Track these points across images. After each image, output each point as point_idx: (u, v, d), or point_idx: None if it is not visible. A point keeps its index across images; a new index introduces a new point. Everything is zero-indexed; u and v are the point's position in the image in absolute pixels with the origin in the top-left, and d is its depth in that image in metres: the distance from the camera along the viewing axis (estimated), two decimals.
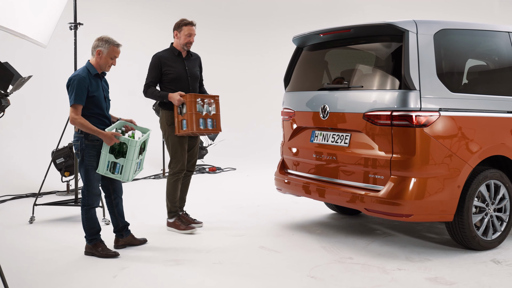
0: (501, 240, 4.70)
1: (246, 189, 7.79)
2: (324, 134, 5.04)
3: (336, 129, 4.91)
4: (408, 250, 4.63)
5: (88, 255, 4.53)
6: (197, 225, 5.48)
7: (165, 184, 5.44)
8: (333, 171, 4.90)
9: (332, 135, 4.94)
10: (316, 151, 5.06)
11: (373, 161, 4.52)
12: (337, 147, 4.87)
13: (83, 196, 4.47)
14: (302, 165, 5.27)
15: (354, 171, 4.70)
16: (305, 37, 5.34)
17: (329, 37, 5.14)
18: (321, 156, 5.00)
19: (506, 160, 4.79)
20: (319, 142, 5.08)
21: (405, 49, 4.36)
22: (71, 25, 6.09)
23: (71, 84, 4.37)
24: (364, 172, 4.61)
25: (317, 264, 4.28)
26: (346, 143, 4.78)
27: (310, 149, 5.16)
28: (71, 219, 5.85)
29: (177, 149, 5.31)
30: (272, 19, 12.75)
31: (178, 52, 5.36)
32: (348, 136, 4.78)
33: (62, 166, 7.24)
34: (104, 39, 4.49)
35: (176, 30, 5.36)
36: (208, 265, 4.30)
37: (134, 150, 4.41)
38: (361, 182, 4.63)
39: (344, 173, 4.81)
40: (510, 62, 4.88)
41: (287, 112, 5.50)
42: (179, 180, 5.37)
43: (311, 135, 5.20)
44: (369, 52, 5.00)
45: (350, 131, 4.77)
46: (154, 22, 12.08)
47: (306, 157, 5.21)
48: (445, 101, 4.40)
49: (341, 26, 4.96)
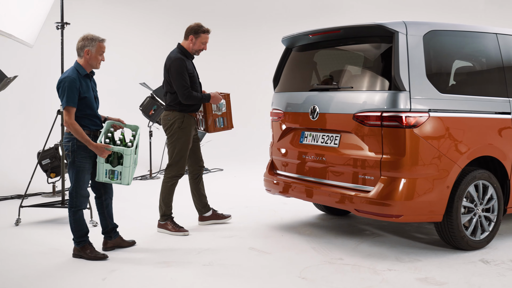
0: (489, 240, 4.74)
1: (234, 190, 7.77)
2: (314, 135, 5.04)
3: (325, 130, 4.91)
4: (397, 251, 4.64)
5: (76, 258, 4.48)
6: (227, 219, 5.66)
7: (160, 187, 5.39)
8: (323, 172, 4.90)
9: (322, 136, 4.94)
10: (306, 152, 5.06)
11: (363, 161, 4.52)
12: (326, 148, 4.87)
13: (71, 197, 4.41)
14: (292, 166, 5.27)
15: (344, 171, 4.70)
16: (294, 38, 5.34)
17: (319, 38, 5.15)
18: (311, 157, 4.99)
19: (494, 161, 4.82)
20: (308, 143, 5.08)
21: (395, 50, 4.37)
22: (58, 24, 6.01)
23: (62, 86, 4.31)
24: (354, 172, 4.61)
25: (308, 265, 4.27)
26: (336, 144, 4.78)
27: (299, 150, 5.15)
28: (58, 221, 5.78)
29: (183, 154, 5.28)
30: (260, 19, 12.75)
31: (191, 56, 5.38)
32: (338, 137, 4.78)
33: (48, 167, 7.16)
34: (89, 38, 4.43)
35: (193, 35, 5.30)
36: (198, 266, 4.27)
37: (130, 157, 4.40)
38: (351, 183, 4.63)
39: (334, 173, 4.81)
40: (497, 63, 4.92)
41: (276, 113, 5.49)
42: (175, 184, 5.36)
43: (300, 135, 5.20)
44: (358, 53, 5.01)
45: (340, 132, 4.77)
46: (141, 21, 12.03)
47: (296, 158, 5.20)
48: (435, 102, 4.42)
49: (331, 27, 4.96)
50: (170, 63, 5.21)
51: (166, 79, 5.29)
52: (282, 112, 5.39)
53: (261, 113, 11.64)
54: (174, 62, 5.18)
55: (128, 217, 5.95)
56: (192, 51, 5.34)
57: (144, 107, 8.94)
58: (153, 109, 8.85)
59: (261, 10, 12.82)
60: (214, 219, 5.66)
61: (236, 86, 12.37)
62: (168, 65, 5.23)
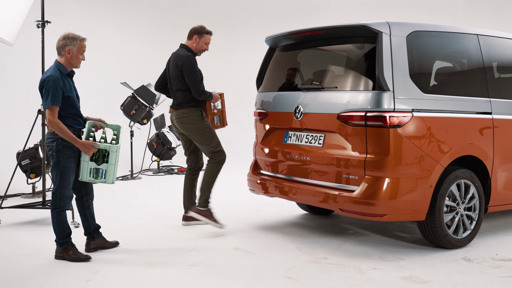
0: (471, 238, 4.80)
1: (217, 190, 7.71)
2: (298, 134, 5.05)
3: (310, 130, 4.93)
4: (381, 250, 4.67)
5: (58, 259, 4.41)
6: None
7: (207, 173, 5.40)
8: (307, 172, 4.91)
9: (306, 136, 4.95)
10: (290, 152, 5.06)
11: (347, 161, 4.55)
12: (311, 148, 4.88)
13: (54, 198, 4.35)
14: (276, 165, 5.27)
15: (328, 171, 4.72)
16: (278, 38, 5.34)
17: (302, 38, 5.16)
18: (295, 156, 5.00)
19: (475, 160, 4.89)
20: (292, 143, 5.09)
21: (379, 51, 4.40)
22: (39, 23, 5.92)
23: (46, 86, 4.24)
24: (338, 172, 4.63)
25: (293, 265, 4.28)
26: (320, 144, 4.80)
27: (283, 149, 5.16)
28: (39, 222, 5.69)
29: (217, 139, 5.39)
30: (242, 19, 12.73)
31: (196, 55, 5.50)
32: (322, 137, 4.80)
33: (28, 168, 7.06)
34: (70, 37, 4.38)
35: (197, 35, 5.45)
36: (183, 267, 4.25)
37: (116, 154, 4.36)
38: (335, 183, 4.65)
39: (318, 173, 4.82)
40: (478, 63, 4.99)
41: (260, 112, 5.49)
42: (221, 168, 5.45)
43: (284, 135, 5.20)
44: (342, 53, 5.03)
45: (324, 132, 4.79)
46: (122, 20, 11.93)
47: (280, 158, 5.20)
48: (418, 102, 4.46)
49: (314, 27, 4.98)
50: (183, 60, 5.30)
51: (177, 77, 5.37)
52: (265, 112, 5.39)
53: (243, 112, 11.64)
54: (188, 59, 5.30)
55: (111, 217, 5.89)
56: (195, 51, 5.48)
57: (125, 107, 8.86)
58: (134, 108, 8.78)
59: (245, 10, 12.81)
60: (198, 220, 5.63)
61: (217, 85, 12.36)
62: (181, 62, 5.31)
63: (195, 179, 5.69)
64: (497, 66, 5.19)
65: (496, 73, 5.17)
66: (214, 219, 5.31)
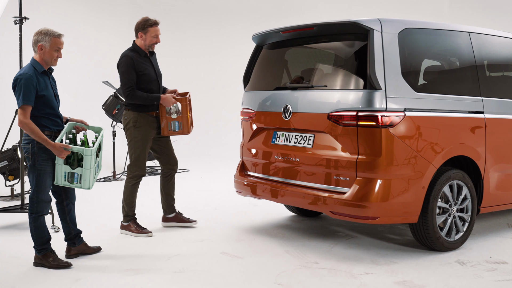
0: (464, 240, 4.70)
1: (201, 192, 7.57)
2: (287, 135, 4.90)
3: (299, 130, 4.78)
4: (373, 253, 4.55)
5: (37, 267, 4.21)
6: (192, 223, 5.43)
7: (123, 187, 5.24)
8: (296, 173, 4.77)
9: (295, 136, 4.81)
10: (278, 153, 4.92)
11: (338, 162, 4.41)
12: (300, 149, 4.74)
13: (31, 203, 4.15)
14: (263, 167, 5.12)
15: (318, 173, 4.58)
16: (265, 35, 5.19)
17: (291, 35, 5.01)
18: (284, 157, 4.86)
19: (467, 160, 4.79)
20: (281, 143, 4.94)
21: (371, 48, 4.27)
22: (16, 19, 5.69)
23: (18, 84, 4.03)
24: (328, 174, 4.50)
25: (283, 270, 4.13)
26: (310, 144, 4.66)
27: (271, 150, 5.01)
28: (17, 227, 5.46)
29: (140, 154, 5.17)
30: (228, 17, 12.56)
31: (144, 53, 5.22)
32: (312, 137, 4.66)
33: (6, 169, 6.82)
34: (43, 32, 4.16)
35: (141, 31, 5.17)
36: (168, 274, 4.07)
37: (91, 158, 4.13)
38: (325, 184, 4.52)
39: (307, 175, 4.68)
40: (470, 62, 4.89)
41: (247, 112, 5.33)
42: (137, 184, 5.24)
43: (272, 136, 5.05)
44: (332, 50, 4.89)
45: (314, 132, 4.65)
46: (103, 17, 11.70)
47: (268, 159, 5.05)
48: (410, 101, 4.35)
49: (303, 24, 4.83)
50: (118, 60, 5.15)
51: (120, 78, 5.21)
52: (253, 111, 5.24)
53: (229, 112, 11.49)
54: (120, 60, 5.12)
55: (93, 221, 5.68)
56: (145, 47, 5.20)
57: (107, 106, 8.64)
58: (116, 108, 8.57)
59: (231, 7, 12.63)
60: (177, 222, 5.46)
61: (204, 85, 12.18)
62: (117, 62, 5.16)
63: (167, 182, 5.46)
64: (489, 65, 5.10)
65: (487, 71, 5.07)
66: (138, 231, 5.13)
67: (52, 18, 10.25)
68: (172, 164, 5.42)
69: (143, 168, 5.21)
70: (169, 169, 5.42)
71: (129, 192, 5.20)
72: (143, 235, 5.09)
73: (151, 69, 5.21)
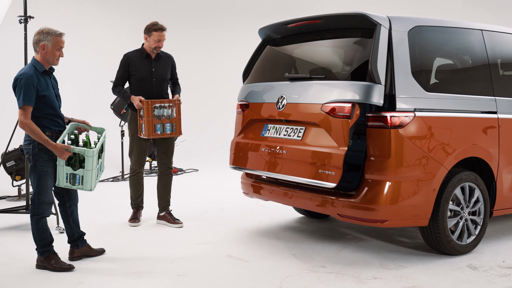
0: (476, 244, 4.57)
1: (210, 192, 7.49)
2: (277, 127, 4.73)
3: (290, 122, 4.59)
4: (381, 257, 4.43)
5: (40, 269, 4.14)
6: (177, 225, 5.47)
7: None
8: (283, 167, 4.54)
9: (286, 129, 4.64)
10: (266, 145, 4.72)
11: (325, 155, 4.19)
12: (288, 141, 4.54)
13: (32, 204, 4.08)
14: (250, 160, 4.91)
15: (305, 166, 4.35)
16: (271, 29, 5.03)
17: (297, 29, 4.85)
18: (270, 149, 4.66)
19: (480, 162, 4.65)
20: (270, 136, 4.77)
21: (375, 43, 4.11)
22: (21, 18, 5.64)
23: (18, 84, 3.97)
24: (314, 167, 4.25)
25: (289, 274, 4.03)
26: (299, 137, 4.47)
27: (260, 143, 4.81)
28: (21, 228, 5.40)
29: (132, 148, 5.54)
30: (228, 16, 12.44)
31: (147, 54, 5.46)
32: (302, 130, 4.47)
33: (13, 169, 6.77)
34: (44, 31, 4.09)
35: (146, 34, 5.43)
36: (172, 277, 3.99)
37: (93, 159, 4.06)
38: (310, 178, 4.29)
39: (293, 168, 4.45)
40: (483, 60, 4.75)
41: (241, 104, 5.15)
42: (134, 178, 5.57)
43: (263, 128, 4.88)
44: (337, 44, 4.70)
45: (305, 124, 4.46)
46: (109, 16, 11.65)
47: (255, 151, 4.85)
48: (420, 101, 4.22)
49: (310, 15, 4.68)
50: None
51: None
52: (247, 103, 5.07)
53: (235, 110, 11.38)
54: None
55: (97, 222, 5.62)
56: (149, 49, 5.44)
57: (115, 106, 8.58)
58: (124, 107, 8.50)
59: (235, 5, 12.52)
60: (165, 221, 5.57)
61: (209, 83, 12.09)
62: None
63: (159, 180, 5.65)
64: (503, 63, 4.95)
65: (501, 70, 4.93)
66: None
67: (57, 17, 10.20)
68: (163, 163, 5.60)
69: (136, 162, 5.52)
70: (161, 168, 5.61)
71: (130, 185, 5.62)
72: (132, 224, 5.49)
73: (147, 71, 5.42)
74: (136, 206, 5.62)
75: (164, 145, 5.55)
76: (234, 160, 5.11)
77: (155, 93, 5.45)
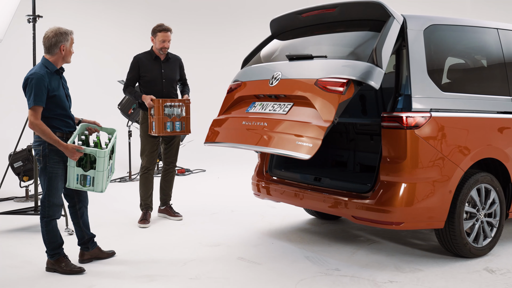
0: (492, 247, 4.49)
1: (218, 193, 7.42)
2: (264, 104, 4.49)
3: (279, 98, 4.37)
4: (396, 259, 4.36)
5: (50, 272, 4.08)
6: (177, 218, 5.72)
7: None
8: (260, 139, 4.28)
9: (272, 105, 4.39)
10: (248, 119, 4.50)
11: (308, 127, 3.94)
12: (272, 115, 4.31)
13: (42, 206, 4.02)
14: (227, 134, 4.64)
15: (284, 138, 4.08)
16: (284, 20, 4.90)
17: (309, 20, 4.72)
18: (251, 123, 4.44)
19: (495, 162, 4.57)
20: (255, 111, 4.50)
21: (385, 30, 3.95)
22: (29, 17, 5.58)
23: (29, 84, 3.90)
24: (292, 138, 3.99)
25: (303, 278, 3.95)
26: (285, 112, 4.23)
27: (243, 116, 4.56)
28: (31, 229, 5.35)
29: (144, 147, 5.64)
30: (238, 15, 12.38)
31: (155, 56, 5.57)
32: (290, 105, 4.24)
33: (21, 170, 6.74)
34: (62, 32, 4.01)
35: (152, 35, 5.57)
36: (184, 280, 3.92)
37: (104, 160, 3.99)
38: (287, 150, 3.98)
39: (271, 140, 4.19)
40: (499, 59, 4.67)
41: (234, 84, 4.92)
42: (145, 176, 5.65)
43: (249, 106, 4.62)
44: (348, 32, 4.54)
45: (294, 99, 4.24)
46: (116, 15, 11.61)
47: (235, 125, 4.59)
48: (436, 101, 4.14)
49: (325, 4, 4.52)
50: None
51: None
52: (240, 82, 4.85)
53: None
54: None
55: (107, 224, 5.56)
56: (156, 50, 5.56)
57: (122, 106, 8.52)
58: (132, 108, 8.44)
59: (245, 5, 12.46)
60: (165, 214, 5.83)
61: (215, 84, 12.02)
62: None
63: (162, 178, 5.85)
64: None
65: None
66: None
67: (66, 16, 10.16)
68: (166, 163, 5.78)
69: (147, 160, 5.61)
70: (165, 166, 5.80)
71: (140, 183, 5.68)
72: (141, 225, 5.48)
73: (157, 72, 5.54)
74: (146, 206, 5.65)
75: (170, 143, 5.72)
76: (209, 136, 4.81)
77: (164, 93, 5.58)
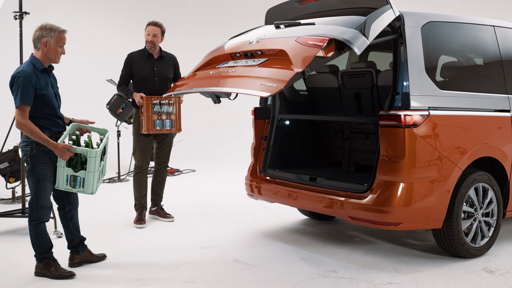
0: (489, 246, 4.44)
1: (209, 193, 7.31)
2: (238, 60, 4.30)
3: (256, 55, 4.21)
4: (393, 260, 4.28)
5: (39, 276, 3.95)
6: (168, 219, 5.61)
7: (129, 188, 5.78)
8: (225, 82, 4.13)
9: (246, 61, 4.22)
10: (217, 69, 4.30)
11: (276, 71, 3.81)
12: (244, 65, 4.15)
13: (30, 209, 3.89)
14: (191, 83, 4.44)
15: (249, 80, 3.92)
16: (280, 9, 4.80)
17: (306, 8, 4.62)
18: (219, 71, 4.22)
19: (493, 161, 4.51)
20: (226, 66, 4.31)
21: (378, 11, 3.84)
22: (16, 14, 5.43)
23: (16, 83, 3.76)
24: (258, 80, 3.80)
25: (300, 280, 3.87)
26: (257, 63, 4.06)
27: (212, 70, 4.35)
28: (18, 232, 5.20)
29: (135, 146, 5.56)
30: (231, 14, 12.28)
31: (149, 54, 5.53)
32: (263, 60, 4.06)
33: (7, 171, 6.57)
34: (47, 27, 3.89)
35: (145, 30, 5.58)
36: (178, 284, 3.81)
37: (95, 160, 3.87)
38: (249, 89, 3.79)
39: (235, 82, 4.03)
40: (496, 57, 4.61)
41: (213, 50, 4.72)
42: (139, 175, 5.54)
43: (222, 63, 4.41)
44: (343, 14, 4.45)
45: (271, 56, 4.07)
46: (106, 13, 11.46)
47: (202, 77, 4.39)
48: (434, 99, 4.08)
49: None
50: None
51: None
52: (221, 47, 4.65)
53: (235, 111, 11.21)
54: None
55: (97, 226, 5.43)
56: (149, 48, 5.53)
57: (111, 105, 8.37)
58: (121, 107, 8.30)
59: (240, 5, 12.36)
60: (157, 215, 5.72)
61: None
62: None
63: (154, 178, 5.73)
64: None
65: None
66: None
67: (53, 13, 9.99)
68: (157, 163, 5.68)
69: (140, 160, 5.52)
70: (156, 166, 5.70)
71: (134, 183, 5.57)
72: (137, 225, 5.37)
73: (149, 70, 5.47)
74: (141, 206, 5.54)
75: (162, 142, 5.62)
76: (170, 89, 4.67)
77: (157, 91, 5.49)
